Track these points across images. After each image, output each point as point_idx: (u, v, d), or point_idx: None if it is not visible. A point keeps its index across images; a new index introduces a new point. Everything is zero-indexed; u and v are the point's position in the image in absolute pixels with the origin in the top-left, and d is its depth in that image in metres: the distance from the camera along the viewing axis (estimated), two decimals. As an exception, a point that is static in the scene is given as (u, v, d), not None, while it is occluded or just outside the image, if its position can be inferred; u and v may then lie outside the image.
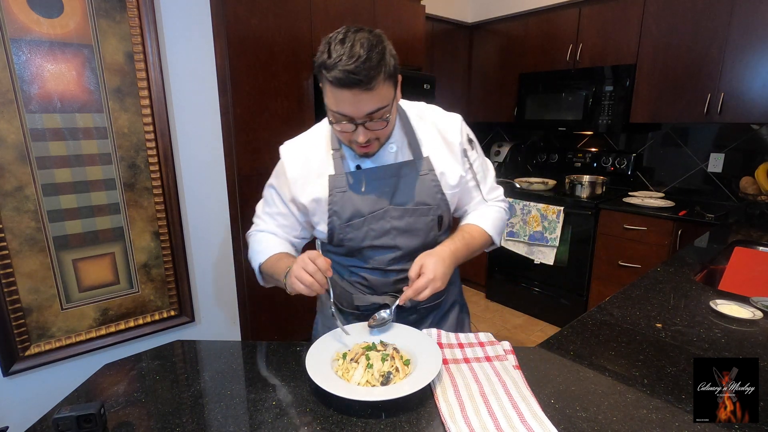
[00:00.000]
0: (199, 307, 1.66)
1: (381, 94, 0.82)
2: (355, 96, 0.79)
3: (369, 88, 0.79)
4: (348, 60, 0.76)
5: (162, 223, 1.50)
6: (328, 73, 0.77)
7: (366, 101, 0.81)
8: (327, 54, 0.78)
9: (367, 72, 0.77)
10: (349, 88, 0.78)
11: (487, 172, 1.11)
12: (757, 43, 2.15)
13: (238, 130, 1.95)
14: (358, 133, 0.86)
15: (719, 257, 1.57)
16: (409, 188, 0.99)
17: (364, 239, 0.99)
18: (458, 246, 0.98)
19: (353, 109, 0.82)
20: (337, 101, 0.81)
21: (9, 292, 1.25)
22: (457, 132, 1.02)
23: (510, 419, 0.69)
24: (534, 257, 2.93)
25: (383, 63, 0.79)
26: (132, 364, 0.91)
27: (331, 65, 0.77)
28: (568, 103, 2.89)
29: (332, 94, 0.81)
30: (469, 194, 1.08)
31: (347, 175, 0.98)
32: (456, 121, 1.03)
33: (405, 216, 0.99)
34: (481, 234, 1.05)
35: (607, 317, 1.06)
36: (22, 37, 1.19)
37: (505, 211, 1.13)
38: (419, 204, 0.99)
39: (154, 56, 1.38)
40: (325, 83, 0.81)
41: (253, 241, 1.09)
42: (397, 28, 2.60)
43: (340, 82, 0.77)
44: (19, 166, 1.23)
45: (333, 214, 0.98)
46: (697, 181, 2.72)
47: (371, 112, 0.83)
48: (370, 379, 0.78)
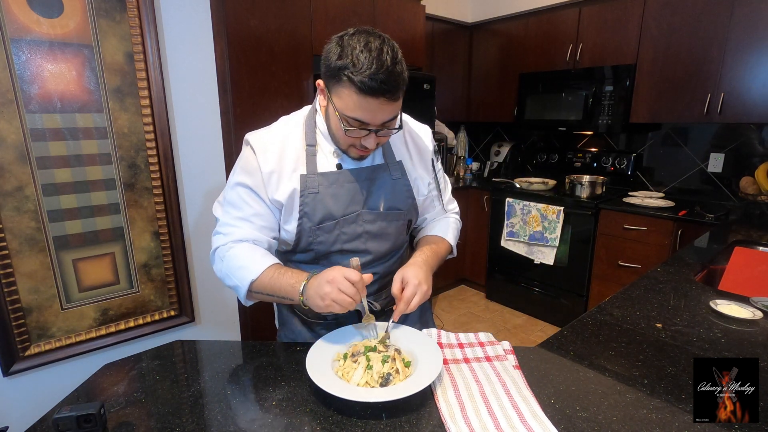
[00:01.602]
0: (199, 307, 1.67)
1: (399, 104, 0.83)
2: (380, 105, 0.79)
3: (394, 99, 0.80)
4: (378, 69, 0.75)
5: (162, 223, 1.50)
6: (355, 78, 0.75)
7: (387, 110, 0.81)
8: (349, 58, 0.76)
9: (396, 83, 0.77)
10: (376, 96, 0.77)
11: (447, 184, 1.17)
12: (757, 43, 2.15)
13: (238, 130, 1.95)
14: (369, 140, 0.85)
15: (719, 257, 1.57)
16: (382, 192, 0.98)
17: (335, 243, 0.96)
18: (428, 255, 1.00)
19: (373, 116, 0.81)
20: (358, 107, 0.79)
21: (9, 292, 1.25)
22: (428, 140, 1.07)
23: (510, 419, 0.69)
24: (534, 257, 2.93)
25: (404, 75, 0.80)
26: (132, 364, 0.91)
27: (358, 71, 0.75)
28: (568, 103, 2.89)
29: (354, 99, 0.79)
30: (432, 203, 1.12)
31: (320, 175, 0.94)
32: (428, 131, 1.08)
33: (377, 220, 0.98)
34: (445, 245, 1.09)
35: (607, 317, 1.06)
36: (22, 37, 1.19)
37: (459, 220, 1.19)
38: (391, 208, 1.00)
39: (154, 56, 1.38)
40: (346, 87, 0.78)
41: (231, 257, 0.92)
42: (397, 28, 2.59)
43: (371, 90, 0.76)
44: (19, 166, 1.23)
45: (303, 215, 0.93)
46: (697, 181, 2.72)
47: (387, 121, 0.83)
48: (369, 380, 0.78)
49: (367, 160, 0.98)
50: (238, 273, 0.90)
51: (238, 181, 0.94)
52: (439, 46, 3.31)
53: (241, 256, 0.91)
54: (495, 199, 3.13)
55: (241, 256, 0.91)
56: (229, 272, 0.92)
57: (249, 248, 0.93)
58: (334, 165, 0.96)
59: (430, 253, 1.01)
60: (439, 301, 3.35)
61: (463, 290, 3.55)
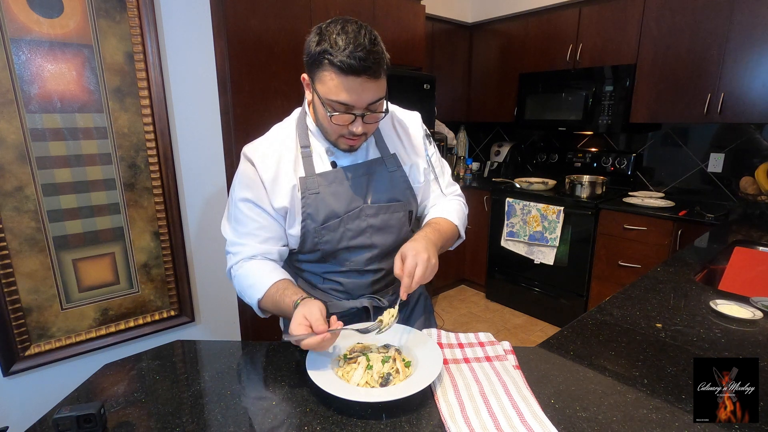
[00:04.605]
0: (199, 307, 1.67)
1: (382, 85, 0.84)
2: (362, 84, 0.79)
3: (376, 77, 0.80)
4: (356, 48, 0.76)
5: (162, 223, 1.50)
6: (335, 59, 0.77)
7: (370, 90, 0.81)
8: (328, 42, 0.78)
9: (375, 60, 0.78)
10: (358, 74, 0.78)
11: (444, 167, 1.14)
12: (757, 43, 2.15)
13: (238, 130, 1.95)
14: (357, 124, 0.85)
15: (719, 257, 1.57)
16: (381, 185, 0.99)
17: (341, 240, 0.97)
18: (427, 231, 0.95)
19: (357, 97, 0.81)
20: (341, 89, 0.80)
21: (9, 292, 1.25)
22: (417, 126, 1.07)
23: (510, 419, 0.69)
24: (534, 257, 2.93)
25: (383, 54, 0.81)
26: (132, 364, 0.90)
27: (337, 52, 0.77)
28: (568, 103, 2.89)
29: (336, 82, 0.80)
30: (429, 187, 1.09)
31: (318, 176, 0.95)
32: (415, 117, 1.08)
33: (380, 213, 0.99)
34: (448, 223, 1.03)
35: (607, 317, 1.06)
36: (22, 37, 1.19)
37: (464, 204, 1.13)
38: (392, 200, 1.00)
39: (154, 56, 1.38)
40: (327, 70, 0.80)
41: (240, 276, 0.95)
42: (397, 28, 2.59)
43: (351, 68, 0.77)
44: (19, 166, 1.23)
45: (307, 217, 0.94)
46: (697, 181, 2.72)
47: (372, 102, 0.83)
48: (369, 381, 0.78)
49: (361, 155, 0.98)
50: (248, 292, 0.94)
51: (240, 197, 0.95)
52: (439, 46, 3.31)
53: (250, 275, 0.94)
54: (495, 199, 3.13)
55: (250, 275, 0.94)
56: (242, 291, 0.96)
57: (257, 266, 0.95)
58: (329, 164, 0.97)
59: (429, 229, 0.96)
60: (439, 301, 3.35)
61: (463, 290, 3.55)
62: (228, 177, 1.67)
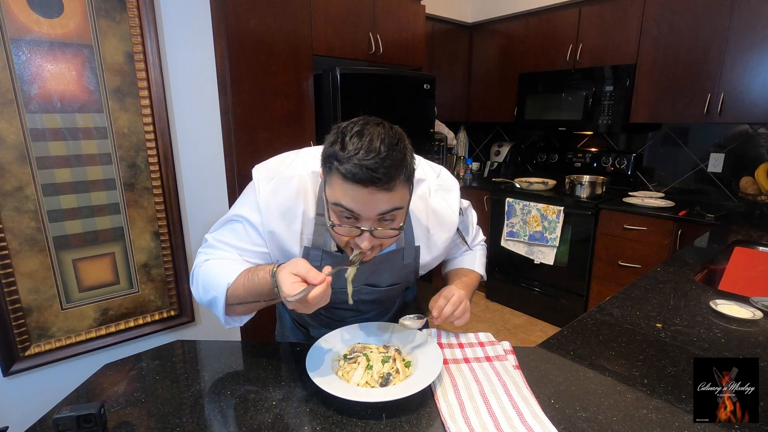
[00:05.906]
0: (199, 307, 1.66)
1: (398, 196, 0.73)
2: (370, 195, 0.70)
3: (387, 188, 0.70)
4: (366, 154, 0.67)
5: (162, 223, 1.50)
6: (341, 166, 0.68)
7: (380, 202, 0.71)
8: (340, 145, 0.70)
9: (387, 170, 0.68)
10: (365, 185, 0.68)
11: (472, 227, 1.12)
12: (757, 43, 2.15)
13: (238, 130, 1.95)
14: (363, 240, 0.74)
15: (719, 257, 1.57)
16: (388, 273, 0.94)
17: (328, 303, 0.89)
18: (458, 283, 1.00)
19: (363, 208, 0.71)
20: (347, 196, 0.71)
21: (9, 292, 1.25)
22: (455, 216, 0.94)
23: (510, 419, 0.69)
24: (534, 257, 2.92)
25: (404, 163, 0.71)
26: (132, 364, 0.91)
27: (345, 158, 0.68)
28: (568, 103, 2.89)
29: (341, 189, 0.71)
30: (456, 248, 1.12)
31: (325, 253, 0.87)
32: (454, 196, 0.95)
33: (375, 294, 0.97)
34: (475, 276, 1.09)
35: (607, 317, 1.06)
36: (22, 37, 1.19)
37: (485, 248, 1.18)
38: (393, 284, 0.97)
39: (154, 56, 1.38)
40: (334, 176, 0.71)
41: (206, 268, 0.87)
42: (397, 28, 2.59)
43: (356, 177, 0.67)
44: (19, 166, 1.23)
45: None
46: (697, 181, 2.72)
47: (384, 213, 0.73)
48: (369, 380, 0.78)
49: None
50: (215, 280, 0.84)
51: (242, 214, 0.88)
52: (439, 46, 3.31)
53: (217, 265, 0.86)
54: (495, 199, 3.13)
55: (217, 265, 0.86)
56: (205, 284, 0.86)
57: (228, 260, 0.88)
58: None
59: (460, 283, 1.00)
60: (439, 301, 3.35)
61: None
62: (228, 177, 1.67)
